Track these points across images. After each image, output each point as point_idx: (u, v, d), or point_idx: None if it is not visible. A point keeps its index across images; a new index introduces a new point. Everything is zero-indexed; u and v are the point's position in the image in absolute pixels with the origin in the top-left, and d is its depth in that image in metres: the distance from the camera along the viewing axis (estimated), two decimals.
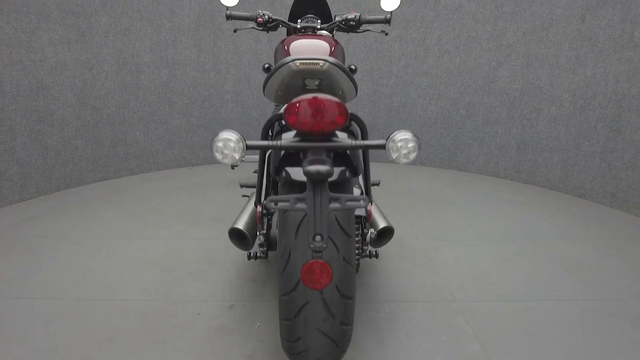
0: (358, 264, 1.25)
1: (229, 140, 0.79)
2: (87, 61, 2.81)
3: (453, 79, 3.28)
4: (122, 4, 2.91)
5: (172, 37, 3.18)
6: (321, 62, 1.26)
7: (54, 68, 2.64)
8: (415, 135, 0.85)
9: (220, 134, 0.80)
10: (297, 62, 1.26)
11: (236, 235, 1.29)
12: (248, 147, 0.83)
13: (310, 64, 1.25)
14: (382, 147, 0.86)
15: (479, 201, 2.63)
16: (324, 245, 0.79)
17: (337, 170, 0.90)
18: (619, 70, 2.44)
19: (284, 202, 0.78)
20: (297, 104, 0.80)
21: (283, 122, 1.05)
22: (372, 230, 1.16)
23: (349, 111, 1.48)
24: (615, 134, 2.49)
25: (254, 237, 1.28)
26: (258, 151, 3.66)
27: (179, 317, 1.41)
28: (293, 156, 0.94)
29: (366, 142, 0.86)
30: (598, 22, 2.51)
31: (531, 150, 2.98)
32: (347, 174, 0.91)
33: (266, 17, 2.06)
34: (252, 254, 1.28)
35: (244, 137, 0.84)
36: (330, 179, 0.88)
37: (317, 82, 1.35)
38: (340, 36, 3.50)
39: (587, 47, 2.58)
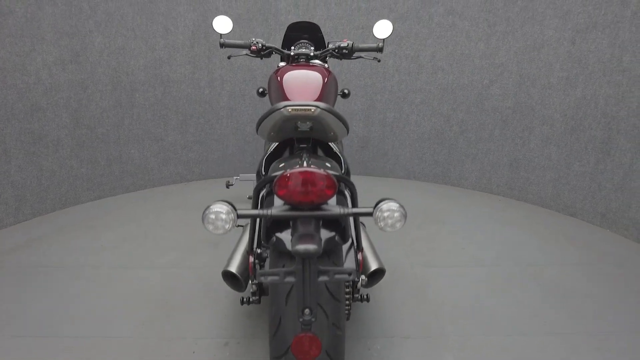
0: (349, 310, 1.28)
1: (220, 213, 0.82)
2: (82, 81, 2.81)
3: (446, 96, 3.31)
4: (117, 24, 2.92)
5: (167, 54, 3.19)
6: (312, 108, 1.28)
7: (49, 89, 2.65)
8: (401, 206, 0.87)
9: (212, 207, 0.82)
10: (290, 109, 1.28)
11: (229, 277, 1.31)
12: (239, 217, 0.85)
13: (302, 109, 1.28)
14: (370, 214, 0.88)
15: (472, 221, 2.66)
16: (313, 319, 0.82)
17: (326, 235, 0.93)
18: (608, 93, 2.47)
19: (273, 276, 0.81)
20: (287, 178, 0.82)
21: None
22: (362, 277, 1.19)
23: (342, 168, 1.50)
24: (605, 156, 2.53)
25: (247, 279, 1.30)
26: (255, 171, 3.70)
27: (174, 356, 1.43)
28: (283, 222, 0.96)
29: (355, 210, 0.89)
30: (588, 46, 2.54)
31: (523, 168, 3.02)
32: (337, 238, 0.94)
33: (259, 45, 2.08)
34: (244, 299, 1.31)
35: (235, 208, 0.86)
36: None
37: (309, 125, 1.37)
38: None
39: (577, 69, 2.61)
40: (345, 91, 2.40)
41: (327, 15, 3.38)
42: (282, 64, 2.16)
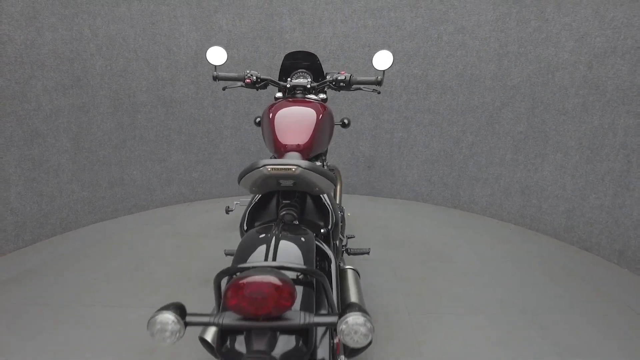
0: None
1: (165, 324, 0.74)
2: (83, 105, 2.80)
3: (456, 117, 3.18)
4: (118, 46, 2.89)
5: (170, 75, 3.16)
6: (293, 168, 1.20)
7: (49, 115, 2.64)
8: (369, 320, 0.77)
9: (157, 317, 0.75)
10: (269, 167, 1.20)
11: (206, 342, 1.24)
12: (187, 324, 0.77)
13: (282, 169, 1.20)
14: (334, 324, 0.79)
15: (479, 256, 2.54)
16: None
17: (285, 347, 0.82)
18: (627, 123, 2.31)
19: None
20: (237, 288, 0.74)
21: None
22: (342, 357, 1.10)
23: (330, 223, 1.41)
24: (623, 190, 2.37)
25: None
26: (250, 197, 3.59)
27: None
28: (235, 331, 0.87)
29: (317, 320, 0.79)
30: (606, 71, 2.38)
31: (536, 196, 2.87)
32: (300, 345, 0.84)
33: (254, 77, 2.02)
34: None
35: (182, 316, 0.78)
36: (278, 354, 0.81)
37: (291, 182, 1.29)
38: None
39: (594, 96, 2.46)
40: (345, 121, 2.32)
41: (333, 33, 3.29)
42: (279, 94, 2.09)
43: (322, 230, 1.42)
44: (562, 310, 1.99)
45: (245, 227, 1.42)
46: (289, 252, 0.99)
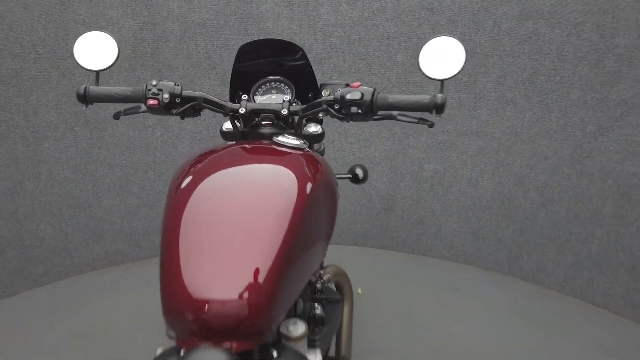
0: None
1: None
2: None
3: (520, 145, 2.13)
4: (1, 39, 1.87)
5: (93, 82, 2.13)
6: None
7: None
8: None
9: None
10: None
11: None
12: None
13: None
14: None
15: None
16: None
17: None
18: None
19: None
20: None
21: None
22: None
23: None
24: None
25: None
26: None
27: None
28: None
29: None
30: None
31: None
32: None
33: (164, 95, 0.99)
34: None
35: None
36: None
37: None
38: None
39: None
40: (359, 173, 1.31)
41: (336, 20, 2.25)
42: (227, 126, 1.07)
43: None
44: None
45: None
46: None
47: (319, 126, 1.07)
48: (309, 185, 0.74)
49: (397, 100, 0.90)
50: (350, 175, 1.30)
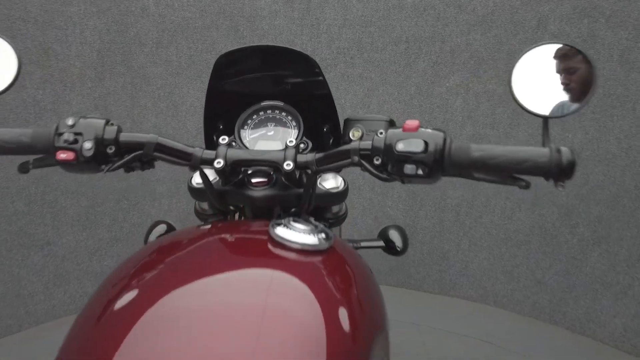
0: None
1: None
2: None
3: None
4: None
5: (51, 95, 1.76)
6: None
7: None
8: None
9: None
10: None
11: None
12: None
13: None
14: None
15: None
16: None
17: None
18: None
19: None
20: None
21: None
22: None
23: None
24: None
25: None
26: None
27: None
28: None
29: None
30: None
31: None
32: None
33: (86, 145, 0.59)
34: None
35: None
36: None
37: None
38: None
39: None
40: (396, 241, 0.98)
41: (344, 20, 1.89)
42: (199, 180, 0.65)
43: None
44: None
45: None
46: None
47: (339, 178, 0.71)
48: (346, 342, 0.37)
49: (489, 156, 0.54)
50: (382, 243, 0.93)
